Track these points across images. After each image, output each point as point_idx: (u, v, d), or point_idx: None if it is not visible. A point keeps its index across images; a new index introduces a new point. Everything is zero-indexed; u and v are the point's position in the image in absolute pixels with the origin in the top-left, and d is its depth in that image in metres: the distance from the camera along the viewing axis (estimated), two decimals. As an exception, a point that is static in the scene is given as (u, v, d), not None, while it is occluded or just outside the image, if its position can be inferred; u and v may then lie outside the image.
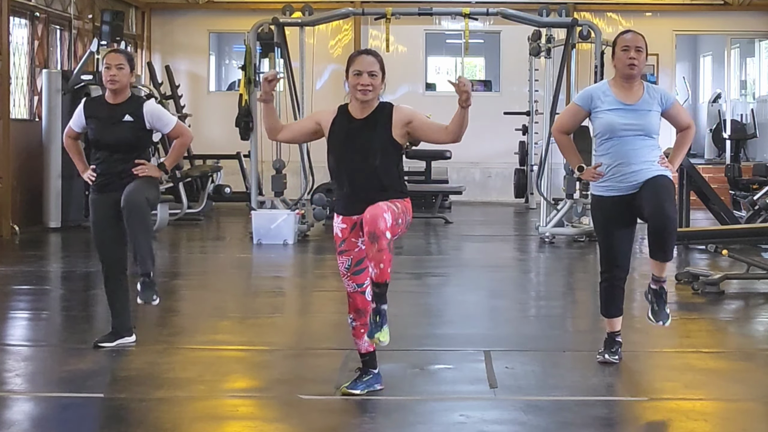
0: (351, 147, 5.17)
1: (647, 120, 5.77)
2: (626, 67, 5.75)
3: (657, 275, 5.90)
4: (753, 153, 18.87)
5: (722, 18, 18.99)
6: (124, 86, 6.31)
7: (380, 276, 5.01)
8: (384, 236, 4.94)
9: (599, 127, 5.85)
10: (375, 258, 4.97)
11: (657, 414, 5.29)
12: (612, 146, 5.80)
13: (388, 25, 12.51)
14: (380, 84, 5.18)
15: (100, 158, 6.38)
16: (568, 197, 12.72)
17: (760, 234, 10.38)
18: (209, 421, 5.11)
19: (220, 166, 16.06)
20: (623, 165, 5.77)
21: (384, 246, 4.96)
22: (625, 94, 5.80)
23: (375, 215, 4.95)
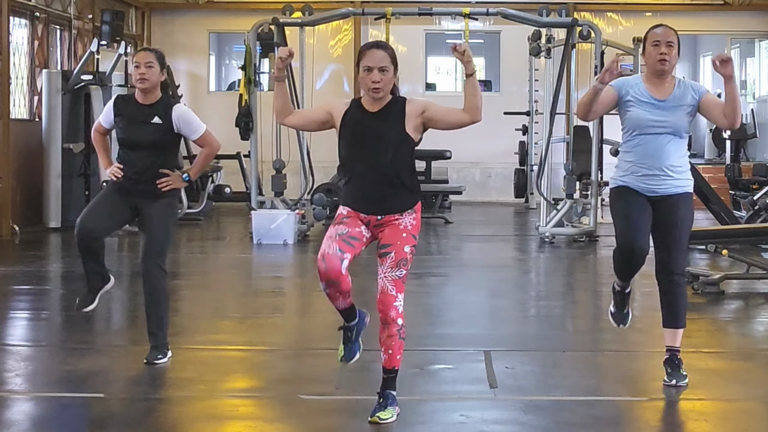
0: (363, 140, 4.99)
1: (677, 117, 5.53)
2: (657, 63, 5.51)
3: (670, 345, 5.70)
4: (753, 153, 18.87)
5: (722, 18, 19.00)
6: (154, 85, 6.09)
7: (389, 362, 4.96)
8: (395, 323, 4.89)
9: (627, 122, 5.62)
10: (385, 344, 4.93)
11: (657, 414, 5.29)
12: (638, 143, 5.57)
13: (388, 25, 12.51)
14: (392, 79, 5.00)
15: (125, 158, 6.10)
16: (568, 197, 12.72)
17: (760, 234, 10.37)
18: (209, 421, 5.11)
19: (220, 166, 16.06)
20: (647, 166, 5.55)
21: (394, 333, 4.90)
22: (656, 90, 5.58)
23: (387, 303, 4.87)
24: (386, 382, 5.01)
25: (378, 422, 4.91)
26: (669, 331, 5.68)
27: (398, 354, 4.96)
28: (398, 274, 4.92)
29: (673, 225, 5.55)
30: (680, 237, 5.57)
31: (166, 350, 6.16)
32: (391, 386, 5.00)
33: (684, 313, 5.66)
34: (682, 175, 5.59)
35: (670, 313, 5.64)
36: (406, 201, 5.05)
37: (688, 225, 5.63)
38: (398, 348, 4.94)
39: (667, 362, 5.67)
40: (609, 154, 12.78)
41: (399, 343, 4.94)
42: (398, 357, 4.96)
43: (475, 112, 4.98)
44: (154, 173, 6.06)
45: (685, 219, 5.59)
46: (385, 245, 4.96)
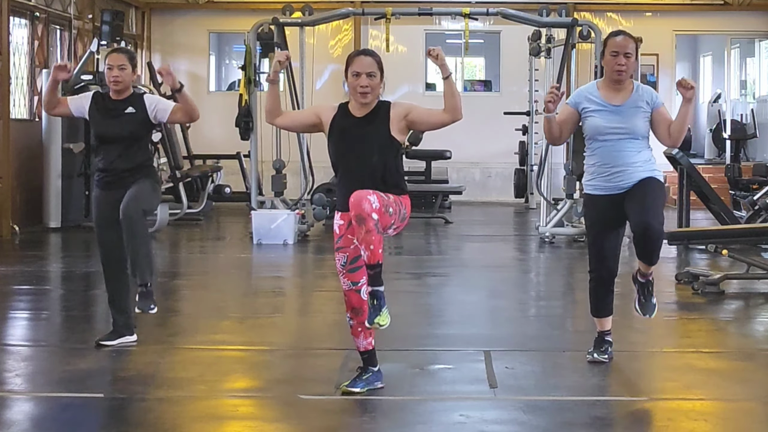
0: (350, 144, 5.21)
1: (633, 122, 5.72)
2: (614, 72, 5.72)
3: (643, 271, 5.95)
4: (753, 153, 18.87)
5: (722, 18, 18.99)
6: (126, 86, 6.41)
7: (372, 257, 5.03)
8: (370, 217, 4.96)
9: (586, 130, 5.85)
10: (364, 240, 4.99)
11: (657, 414, 5.29)
12: (598, 147, 5.79)
13: (388, 25, 12.51)
14: (379, 84, 5.23)
15: (103, 154, 6.41)
16: (568, 197, 12.72)
17: (760, 234, 10.37)
18: (209, 421, 5.11)
19: (220, 166, 16.06)
20: (609, 166, 5.76)
21: (371, 227, 4.96)
22: (612, 95, 5.77)
23: (359, 198, 4.98)
24: (373, 277, 5.07)
25: (379, 328, 5.08)
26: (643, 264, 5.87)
27: (379, 248, 5.03)
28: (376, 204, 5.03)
29: (644, 193, 5.67)
30: (653, 199, 5.66)
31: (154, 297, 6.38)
32: (379, 281, 5.08)
33: (657, 254, 5.75)
34: (645, 167, 5.75)
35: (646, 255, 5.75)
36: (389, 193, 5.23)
37: (660, 194, 5.75)
38: (378, 242, 5.02)
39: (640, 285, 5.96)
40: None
41: (378, 237, 5.01)
42: (380, 251, 5.04)
43: (455, 112, 5.26)
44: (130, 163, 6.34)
45: (655, 188, 5.71)
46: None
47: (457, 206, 16.75)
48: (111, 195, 6.35)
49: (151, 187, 6.43)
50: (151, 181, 6.45)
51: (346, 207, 5.17)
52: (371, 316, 5.09)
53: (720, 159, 18.93)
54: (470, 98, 19.37)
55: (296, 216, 12.55)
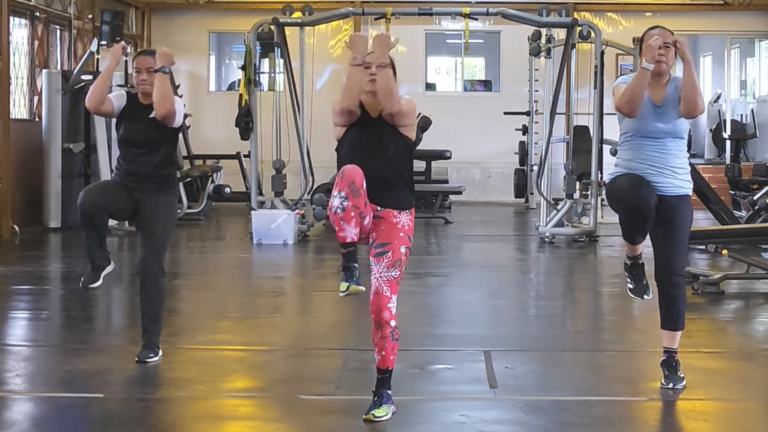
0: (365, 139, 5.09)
1: (673, 121, 5.48)
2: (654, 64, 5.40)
3: (668, 347, 5.67)
4: (753, 153, 18.87)
5: (722, 18, 18.99)
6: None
7: (383, 363, 5.00)
8: (388, 325, 4.94)
9: (627, 126, 5.58)
10: (378, 345, 4.98)
11: (657, 414, 5.29)
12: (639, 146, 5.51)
13: (388, 25, 12.50)
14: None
15: (127, 158, 6.21)
16: (568, 197, 12.72)
17: (760, 234, 10.37)
18: (209, 421, 5.11)
19: (220, 166, 16.06)
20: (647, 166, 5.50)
21: (387, 334, 4.95)
22: (653, 92, 5.51)
23: (380, 305, 4.92)
24: (381, 381, 5.04)
25: (373, 420, 4.93)
26: (667, 333, 5.66)
27: (392, 355, 4.99)
28: (393, 275, 4.94)
29: (673, 226, 5.53)
30: (680, 238, 5.55)
31: (158, 349, 6.20)
32: (385, 385, 5.03)
33: (683, 315, 5.64)
34: (682, 176, 5.56)
35: (669, 315, 5.62)
36: (405, 199, 5.10)
37: (688, 226, 5.61)
38: (392, 349, 4.98)
39: (665, 364, 5.65)
40: (609, 154, 12.78)
41: (392, 344, 4.98)
42: (392, 358, 5.00)
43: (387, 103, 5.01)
44: (154, 170, 6.15)
45: (685, 220, 5.57)
46: (382, 244, 4.97)
47: (457, 206, 16.75)
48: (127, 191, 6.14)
49: (171, 220, 6.25)
50: (171, 210, 6.25)
51: None
52: (370, 408, 4.98)
53: (720, 159, 18.93)
54: (470, 98, 19.40)
55: (296, 216, 12.55)
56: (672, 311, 5.60)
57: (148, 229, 6.13)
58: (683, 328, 5.66)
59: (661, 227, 5.55)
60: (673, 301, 5.58)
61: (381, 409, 4.98)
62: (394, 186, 5.05)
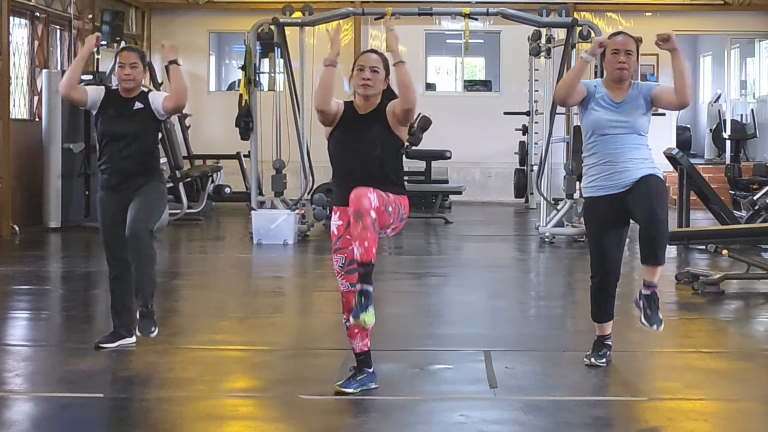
0: (353, 138, 5.25)
1: (634, 117, 5.75)
2: (615, 70, 5.77)
3: (648, 280, 5.79)
4: (753, 153, 18.87)
5: (722, 18, 18.99)
6: (137, 84, 6.38)
7: (364, 255, 5.00)
8: (368, 214, 4.97)
9: (587, 125, 5.83)
10: (359, 237, 4.99)
11: (657, 414, 5.28)
12: (598, 143, 5.78)
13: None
14: (382, 81, 5.30)
15: (109, 155, 6.34)
16: (568, 197, 12.72)
17: (760, 234, 10.37)
18: (209, 421, 5.11)
19: (220, 166, 16.06)
20: (610, 163, 5.75)
21: (368, 224, 4.97)
22: (614, 94, 5.80)
23: (359, 194, 5.01)
24: (364, 276, 5.04)
25: (364, 327, 5.09)
26: (648, 268, 5.72)
27: (373, 246, 5.01)
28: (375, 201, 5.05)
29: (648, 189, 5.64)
30: (658, 195, 5.64)
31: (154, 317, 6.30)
32: (368, 280, 5.05)
33: (664, 251, 5.68)
34: (646, 164, 5.75)
35: (652, 251, 5.64)
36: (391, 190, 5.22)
37: (663, 191, 5.74)
38: (373, 240, 5.00)
39: (647, 299, 5.74)
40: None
41: (373, 236, 5.00)
42: (373, 249, 5.02)
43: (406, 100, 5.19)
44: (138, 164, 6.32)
45: (658, 185, 5.70)
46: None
47: (457, 206, 16.75)
48: (118, 197, 6.31)
49: (158, 196, 6.38)
50: (158, 190, 6.39)
51: (345, 202, 5.18)
52: (357, 311, 5.06)
53: (720, 159, 18.93)
54: (470, 98, 19.40)
55: (296, 216, 12.55)
56: (654, 248, 5.64)
57: (136, 202, 6.25)
58: (664, 263, 5.72)
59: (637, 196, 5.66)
60: (656, 239, 5.61)
61: (368, 313, 5.04)
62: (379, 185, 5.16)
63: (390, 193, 5.19)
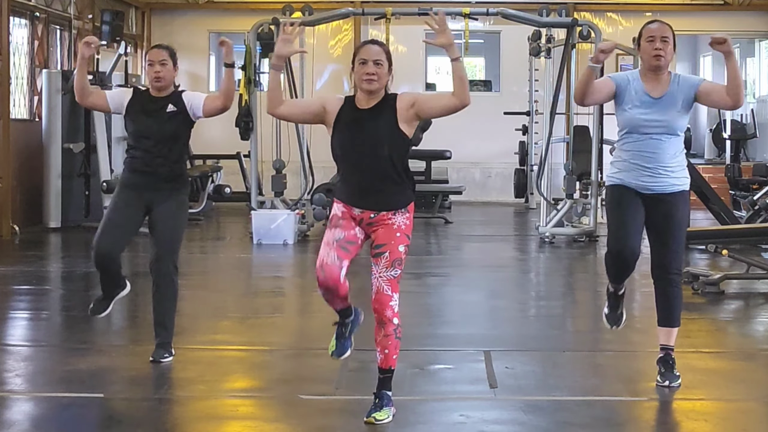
0: (358, 136, 4.97)
1: (671, 115, 5.47)
2: (652, 58, 5.46)
3: (665, 344, 5.66)
4: (753, 153, 18.87)
5: (722, 18, 18.98)
6: (168, 83, 6.13)
7: (385, 362, 4.97)
8: (391, 323, 4.92)
9: (622, 122, 5.58)
10: (381, 343, 4.95)
11: (657, 414, 5.29)
12: (633, 142, 5.52)
13: (388, 25, 12.50)
14: (386, 73, 5.02)
15: (138, 153, 6.08)
16: (568, 197, 12.72)
17: (760, 234, 10.37)
18: (209, 421, 5.11)
19: (220, 166, 16.06)
20: (641, 164, 5.50)
21: (390, 332, 4.93)
22: (651, 86, 5.51)
23: (382, 303, 4.91)
24: (382, 381, 5.02)
25: (374, 423, 4.92)
26: (663, 330, 5.66)
27: (394, 354, 4.97)
28: (393, 274, 4.94)
29: (669, 224, 5.53)
30: (677, 236, 5.55)
31: (172, 349, 6.17)
32: (387, 386, 5.01)
33: (679, 313, 5.63)
34: (678, 173, 5.54)
35: (665, 312, 5.62)
36: (400, 198, 5.01)
37: (685, 223, 5.64)
38: (394, 348, 4.96)
39: (661, 361, 5.64)
40: (609, 154, 12.77)
41: (395, 343, 4.96)
42: (394, 357, 4.98)
43: (464, 95, 5.03)
44: (167, 166, 6.07)
45: (682, 218, 5.58)
46: (380, 245, 4.96)
47: (457, 206, 16.75)
48: (139, 196, 6.06)
49: (184, 218, 6.21)
50: (184, 208, 6.21)
51: (352, 202, 5.00)
52: (371, 411, 4.95)
53: (720, 159, 18.93)
54: (470, 98, 19.37)
55: (296, 216, 12.55)
56: (668, 308, 5.60)
57: (162, 229, 6.07)
58: (679, 325, 5.66)
59: (658, 225, 5.55)
60: (670, 298, 5.57)
61: (382, 412, 4.95)
62: (387, 188, 4.98)
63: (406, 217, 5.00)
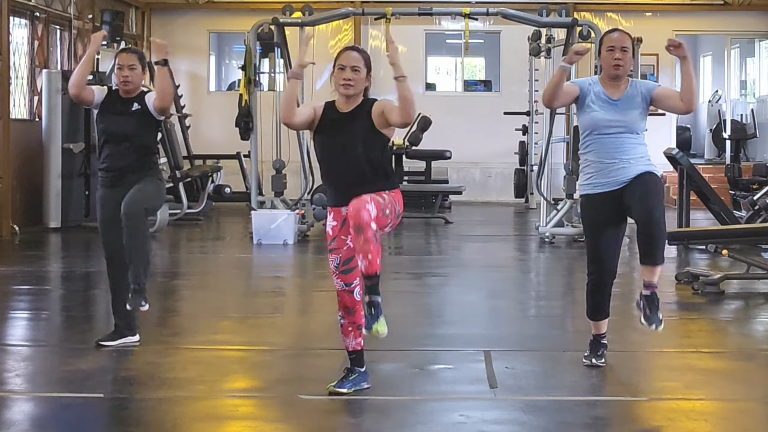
0: (335, 138, 5.23)
1: (630, 117, 5.73)
2: (611, 67, 5.74)
3: (648, 281, 5.75)
4: (753, 153, 18.87)
5: (722, 18, 19.00)
6: (136, 86, 6.44)
7: (369, 267, 5.01)
8: (369, 227, 4.96)
9: (583, 123, 5.82)
10: (362, 250, 4.98)
11: (657, 414, 5.28)
12: (595, 141, 5.77)
13: (388, 25, 12.50)
14: (364, 79, 5.26)
15: (108, 153, 6.41)
16: (568, 197, 12.72)
17: (760, 234, 10.37)
18: (209, 421, 5.11)
19: (220, 166, 16.06)
20: (607, 161, 5.73)
21: (370, 237, 4.96)
22: (610, 91, 5.78)
23: (358, 207, 4.98)
24: (370, 288, 5.05)
25: (378, 336, 5.04)
26: (647, 268, 5.70)
27: (378, 258, 5.00)
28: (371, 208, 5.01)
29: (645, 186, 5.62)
30: (655, 193, 5.63)
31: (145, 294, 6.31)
32: (375, 291, 5.06)
33: (662, 251, 5.66)
34: (642, 162, 5.74)
35: (647, 248, 5.62)
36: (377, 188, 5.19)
37: (660, 188, 5.71)
38: (377, 252, 5.00)
39: (646, 299, 5.70)
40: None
41: (376, 248, 5.00)
42: (378, 261, 5.01)
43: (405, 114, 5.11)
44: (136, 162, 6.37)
45: (655, 182, 5.68)
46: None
47: (457, 206, 16.75)
48: (116, 193, 6.34)
49: (155, 185, 6.45)
50: (155, 180, 6.47)
51: (338, 202, 5.25)
52: (368, 323, 5.07)
53: (720, 159, 18.93)
54: (470, 98, 19.40)
55: (296, 216, 12.55)
56: (651, 245, 5.62)
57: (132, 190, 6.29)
58: (663, 263, 5.69)
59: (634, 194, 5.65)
60: (654, 237, 5.59)
61: (380, 323, 5.04)
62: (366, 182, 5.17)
63: (384, 193, 5.17)
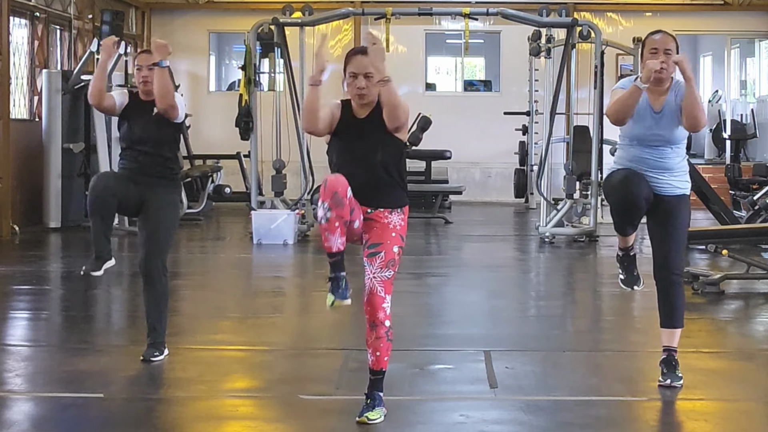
0: (354, 144, 5.06)
1: (671, 129, 5.48)
2: (654, 73, 5.36)
3: (667, 344, 5.66)
4: (753, 153, 18.87)
5: (722, 18, 19.00)
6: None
7: (376, 363, 4.98)
8: (383, 325, 4.92)
9: (626, 130, 5.58)
10: (372, 345, 4.96)
11: (657, 414, 5.29)
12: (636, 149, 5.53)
13: (388, 25, 12.50)
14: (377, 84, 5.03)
15: (129, 156, 6.18)
16: (568, 197, 12.72)
17: (760, 234, 10.37)
18: (209, 421, 5.11)
19: (220, 166, 16.06)
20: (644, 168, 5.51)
21: (382, 335, 4.93)
22: (653, 98, 5.50)
23: (375, 304, 4.92)
24: (374, 383, 5.02)
25: (366, 422, 4.92)
26: (666, 331, 5.67)
27: (386, 356, 4.98)
28: (387, 275, 4.93)
29: (670, 225, 5.55)
30: (678, 237, 5.57)
31: (163, 348, 6.19)
32: (378, 387, 5.02)
33: (682, 314, 5.63)
34: (679, 177, 5.57)
35: (667, 313, 5.62)
36: (396, 198, 5.05)
37: (686, 226, 5.64)
38: (386, 350, 4.97)
39: (664, 362, 5.65)
40: (609, 154, 12.79)
41: (387, 345, 4.97)
42: (386, 359, 4.99)
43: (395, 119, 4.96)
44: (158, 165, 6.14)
45: (683, 220, 5.60)
46: (374, 245, 4.96)
47: (457, 206, 16.75)
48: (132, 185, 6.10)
49: (174, 218, 6.22)
50: (174, 207, 6.24)
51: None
52: (363, 411, 4.96)
53: (720, 159, 18.92)
54: (470, 98, 19.40)
55: (296, 216, 12.55)
56: (671, 310, 5.60)
57: (151, 227, 6.11)
58: (682, 327, 5.66)
59: (659, 226, 5.58)
60: (672, 299, 5.58)
61: (374, 411, 4.97)
62: (384, 187, 5.02)
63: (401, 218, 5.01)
